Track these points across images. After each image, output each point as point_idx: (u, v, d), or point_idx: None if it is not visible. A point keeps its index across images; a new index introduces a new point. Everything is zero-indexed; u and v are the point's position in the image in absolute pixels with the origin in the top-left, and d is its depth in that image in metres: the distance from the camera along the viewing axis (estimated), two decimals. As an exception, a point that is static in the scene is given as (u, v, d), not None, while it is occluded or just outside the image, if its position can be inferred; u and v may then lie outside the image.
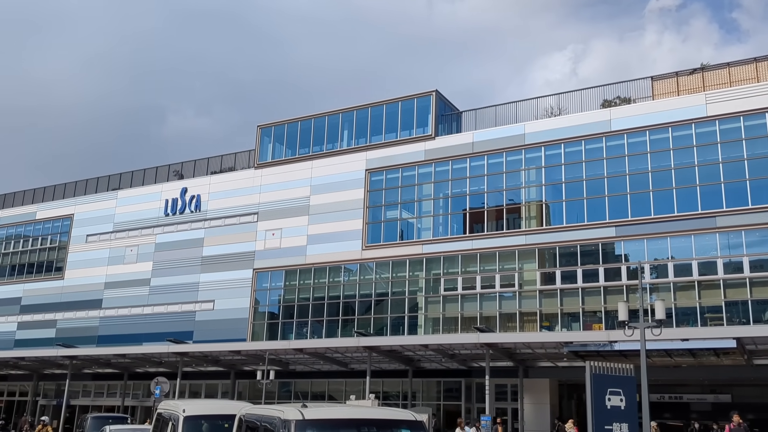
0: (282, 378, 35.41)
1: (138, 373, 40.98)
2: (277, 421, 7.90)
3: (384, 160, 35.93)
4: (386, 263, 34.59)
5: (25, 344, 43.63)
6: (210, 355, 34.98)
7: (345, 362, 33.27)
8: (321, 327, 35.42)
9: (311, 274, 36.46)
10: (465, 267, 32.59)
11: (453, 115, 36.67)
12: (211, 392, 38.87)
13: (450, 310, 32.44)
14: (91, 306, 42.56)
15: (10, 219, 48.88)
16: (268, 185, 39.02)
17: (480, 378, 29.53)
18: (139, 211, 42.87)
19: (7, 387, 47.00)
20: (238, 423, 9.66)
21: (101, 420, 24.88)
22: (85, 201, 45.75)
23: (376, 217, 35.64)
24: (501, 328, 30.50)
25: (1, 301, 46.67)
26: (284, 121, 40.44)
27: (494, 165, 33.14)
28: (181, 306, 39.36)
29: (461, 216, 33.64)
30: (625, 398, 15.04)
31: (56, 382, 43.76)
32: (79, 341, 40.55)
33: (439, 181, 34.41)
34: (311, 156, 38.39)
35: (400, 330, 33.19)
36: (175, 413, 12.21)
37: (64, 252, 45.38)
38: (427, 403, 32.69)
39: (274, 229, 37.95)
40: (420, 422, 8.56)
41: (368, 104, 37.78)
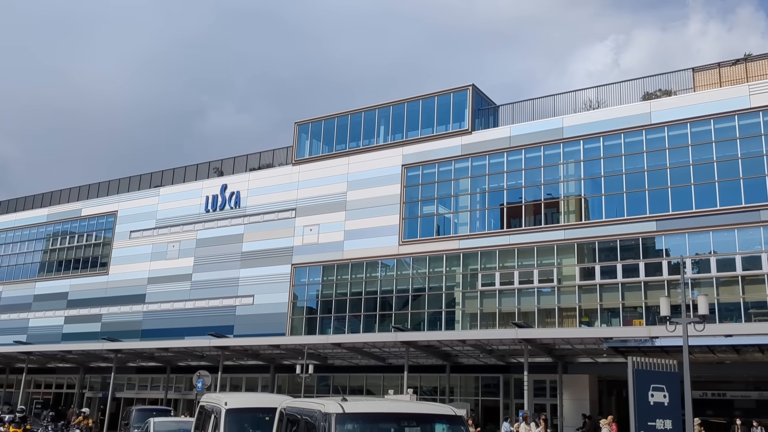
0: (321, 372, 35.75)
1: (180, 367, 41.78)
2: (318, 414, 7.95)
3: (420, 155, 35.93)
4: (423, 258, 34.63)
5: (71, 338, 44.84)
6: (250, 349, 35.48)
7: (383, 357, 33.44)
8: (358, 322, 35.66)
9: (348, 269, 36.69)
10: (503, 262, 32.44)
11: (490, 109, 36.46)
12: (251, 386, 39.43)
13: (488, 305, 32.34)
14: (134, 301, 43.55)
15: (57, 216, 50.25)
16: (305, 181, 39.37)
17: (518, 374, 29.41)
18: (180, 207, 43.67)
19: (55, 379, 48.37)
20: (279, 416, 9.72)
21: (145, 412, 25.41)
22: (128, 198, 46.77)
23: (412, 212, 35.68)
24: (539, 324, 30.30)
25: (49, 296, 48.05)
26: (321, 117, 40.73)
27: (532, 159, 32.88)
28: (222, 301, 40.00)
29: (498, 211, 33.48)
30: (668, 394, 14.86)
31: (102, 375, 44.88)
32: (124, 335, 41.51)
33: (476, 176, 34.29)
34: (348, 152, 38.60)
35: (438, 325, 33.22)
36: (218, 406, 12.37)
37: (108, 248, 46.47)
38: (465, 399, 32.69)
39: (312, 225, 38.29)
40: (459, 417, 8.51)
41: (404, 99, 37.80)
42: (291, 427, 9.06)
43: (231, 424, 11.89)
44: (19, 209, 53.21)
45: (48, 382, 48.68)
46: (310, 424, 8.17)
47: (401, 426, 8.35)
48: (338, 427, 7.54)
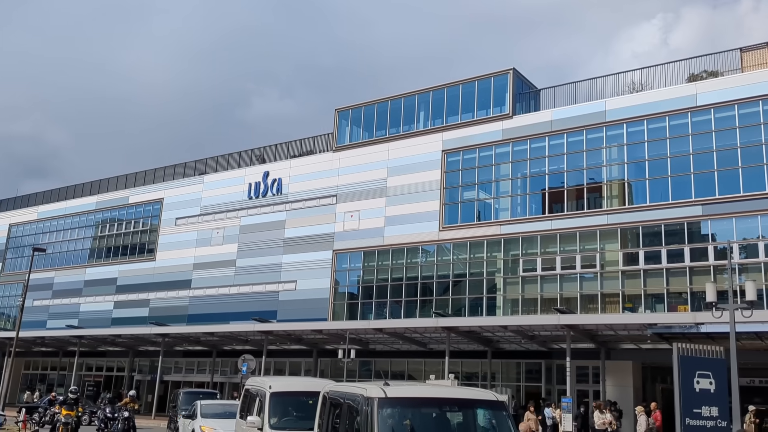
0: (362, 357, 36.12)
1: (225, 351, 42.66)
2: (360, 398, 8.04)
3: (460, 140, 35.81)
4: (463, 244, 34.60)
5: (121, 322, 46.14)
6: (293, 334, 36.03)
7: (424, 342, 33.62)
8: (399, 307, 35.88)
9: (389, 255, 36.90)
10: (544, 247, 32.22)
11: (531, 93, 36.10)
12: (294, 370, 40.07)
13: (529, 291, 32.20)
14: (181, 286, 44.53)
15: (105, 204, 51.59)
16: (346, 168, 39.61)
17: (561, 360, 29.27)
18: (224, 194, 44.40)
19: (105, 363, 49.87)
20: (322, 400, 9.87)
21: (192, 395, 26.03)
22: (173, 186, 47.73)
23: (452, 198, 35.64)
24: (582, 310, 30.08)
25: (98, 281, 49.47)
26: (361, 104, 40.85)
27: (574, 143, 32.48)
28: (265, 286, 40.65)
29: (540, 196, 33.21)
30: (714, 381, 14.72)
31: (150, 359, 46.10)
32: (171, 320, 42.55)
33: (517, 161, 34.04)
34: (388, 138, 38.67)
35: (479, 311, 33.23)
36: (262, 389, 12.68)
37: (155, 234, 47.57)
38: (507, 384, 32.69)
39: (353, 211, 38.55)
40: (502, 402, 8.53)
41: (444, 85, 37.65)
42: (334, 411, 9.20)
43: (275, 406, 12.18)
44: (70, 197, 54.78)
45: (99, 365, 50.21)
46: (353, 408, 8.27)
47: (443, 411, 8.37)
48: (380, 411, 7.61)
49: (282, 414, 12.21)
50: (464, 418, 8.45)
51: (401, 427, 7.79)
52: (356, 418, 8.09)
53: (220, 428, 17.08)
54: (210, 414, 18.92)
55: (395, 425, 7.73)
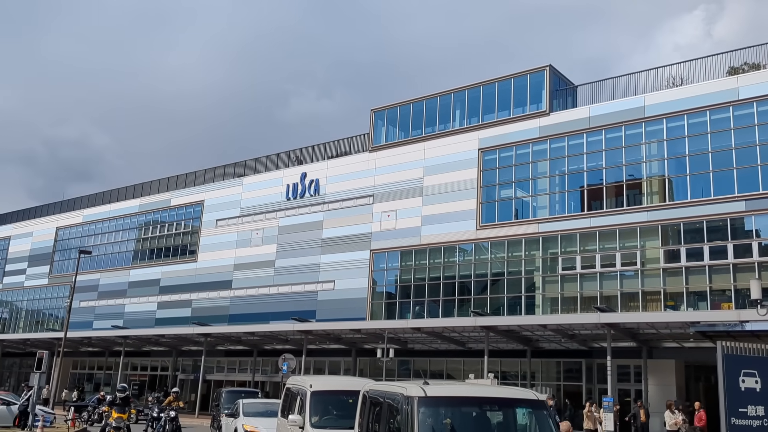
0: (401, 356, 36.24)
1: (266, 350, 43.21)
2: (400, 397, 8.07)
3: (497, 138, 35.67)
4: (501, 243, 34.47)
5: (164, 323, 47.06)
6: (332, 333, 36.31)
7: (462, 341, 33.60)
8: (437, 306, 35.91)
9: (426, 254, 36.95)
10: (583, 245, 31.93)
11: (568, 89, 35.77)
12: (333, 369, 40.39)
13: (568, 289, 31.95)
14: (222, 287, 45.26)
15: (148, 206, 52.69)
16: (382, 168, 39.78)
17: (601, 358, 28.98)
18: (262, 196, 44.98)
19: (150, 362, 50.94)
20: (362, 398, 9.93)
21: (235, 394, 26.46)
22: (214, 188, 48.52)
23: (490, 196, 35.53)
24: (622, 308, 29.73)
25: (142, 282, 50.56)
26: (397, 104, 40.97)
27: (613, 140, 32.11)
28: (304, 286, 41.06)
29: (578, 193, 32.91)
30: (760, 380, 14.44)
31: (193, 358, 46.92)
32: (212, 320, 43.27)
33: (555, 158, 33.78)
34: (424, 137, 38.72)
35: (517, 310, 33.08)
36: (303, 388, 12.82)
37: (196, 236, 48.42)
38: (547, 384, 32.48)
39: (389, 211, 38.70)
40: (542, 401, 8.49)
41: (480, 83, 37.56)
42: (374, 410, 9.22)
43: (316, 405, 12.31)
44: (114, 200, 56.08)
45: (144, 365, 51.31)
46: (393, 407, 8.31)
47: (483, 410, 8.34)
48: (420, 410, 7.61)
49: (323, 413, 12.31)
50: (504, 417, 8.42)
51: (441, 426, 7.82)
52: (396, 417, 8.14)
53: (262, 427, 17.28)
54: (252, 413, 19.12)
55: (435, 424, 7.75)
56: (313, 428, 11.86)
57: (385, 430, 8.62)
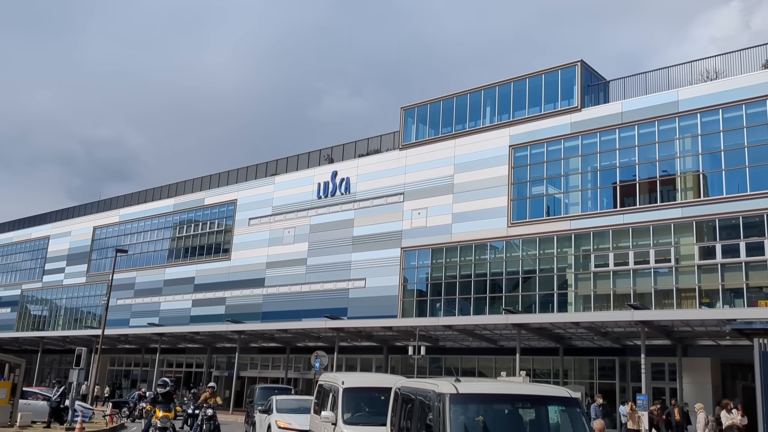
0: (432, 354, 36.28)
1: (298, 347, 43.60)
2: (432, 394, 8.12)
3: (528, 135, 35.48)
4: (533, 240, 34.30)
5: (199, 320, 47.79)
6: (363, 331, 36.51)
7: (494, 339, 33.53)
8: (468, 304, 35.88)
9: (457, 251, 36.92)
10: (616, 242, 31.62)
11: (600, 85, 35.44)
12: (365, 366, 40.59)
13: (601, 286, 31.67)
14: (255, 284, 45.79)
15: (182, 205, 53.50)
16: (412, 165, 39.83)
17: (635, 356, 28.70)
18: (294, 194, 45.38)
19: (185, 359, 51.75)
20: (394, 395, 10.02)
21: (268, 390, 26.69)
22: (246, 187, 49.08)
23: (521, 193, 35.36)
24: (656, 305, 29.38)
25: (177, 280, 51.38)
26: (427, 101, 40.98)
27: (645, 135, 31.73)
28: (336, 284, 41.33)
29: (611, 189, 32.59)
30: (798, 378, 14.26)
31: (227, 355, 47.53)
32: (246, 317, 43.78)
33: (587, 154, 33.48)
34: (454, 135, 38.68)
35: (549, 307, 32.90)
36: (335, 385, 13.01)
37: (230, 235, 49.05)
38: (580, 382, 32.27)
39: (420, 209, 38.75)
40: (575, 399, 8.44)
41: (510, 79, 37.38)
42: (406, 407, 9.31)
43: (348, 401, 12.49)
44: (149, 200, 57.06)
45: (179, 362, 52.13)
46: (425, 404, 8.37)
47: (515, 407, 8.33)
48: (452, 407, 7.64)
49: (355, 409, 12.46)
50: (537, 414, 8.40)
51: (473, 423, 7.82)
52: (428, 414, 8.19)
53: (295, 423, 17.41)
54: (285, 409, 19.24)
55: (467, 421, 7.77)
56: (345, 425, 12.01)
57: (417, 427, 8.68)
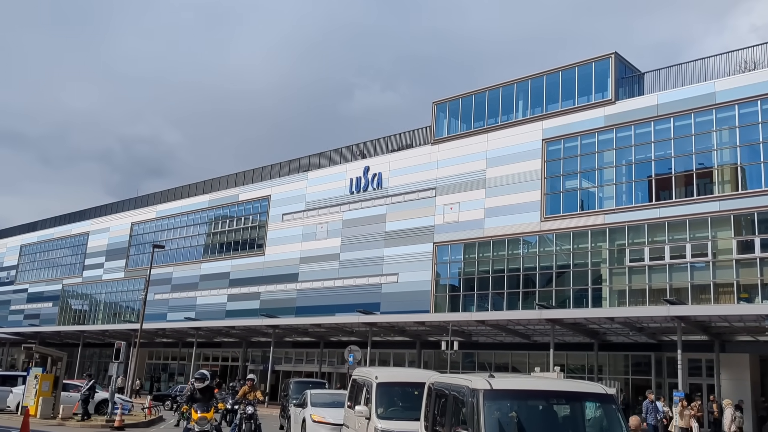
0: (465, 349, 36.27)
1: (332, 342, 43.94)
2: (466, 390, 8.07)
3: (561, 128, 35.18)
4: (566, 235, 34.04)
5: (234, 315, 48.43)
6: (396, 326, 36.67)
7: (527, 334, 33.40)
8: (501, 299, 35.77)
9: (490, 246, 36.82)
10: (652, 237, 31.23)
11: (634, 77, 34.97)
12: (398, 361, 40.75)
13: (636, 281, 31.32)
14: (288, 279, 46.24)
15: (217, 202, 54.23)
16: (444, 160, 39.79)
17: (671, 352, 28.36)
18: (327, 190, 45.67)
19: (221, 353, 52.51)
20: (428, 391, 9.98)
21: (303, 384, 27.03)
22: (279, 183, 49.55)
23: (554, 187, 35.11)
24: (693, 301, 28.97)
25: (213, 275, 52.12)
26: (458, 95, 40.86)
27: (681, 127, 31.24)
28: (368, 279, 41.53)
29: (646, 183, 32.18)
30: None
31: (262, 349, 48.10)
32: (280, 312, 44.27)
33: (621, 148, 33.09)
34: (486, 129, 38.52)
35: (584, 302, 32.64)
36: (369, 380, 13.10)
37: (264, 230, 49.59)
38: (615, 377, 31.99)
39: (452, 204, 38.70)
40: (611, 395, 8.31)
41: (543, 72, 37.08)
42: (439, 402, 9.29)
43: (382, 396, 12.57)
44: (185, 196, 57.94)
45: (215, 356, 52.91)
46: (458, 400, 8.32)
47: (550, 403, 8.25)
48: (486, 403, 7.60)
49: (388, 404, 12.55)
50: (571, 411, 8.32)
51: (507, 420, 7.78)
52: (462, 410, 8.17)
53: (330, 417, 17.58)
54: (319, 403, 19.40)
55: (501, 417, 7.74)
56: (379, 419, 12.11)
57: (450, 423, 8.70)
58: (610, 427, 8.07)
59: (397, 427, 11.74)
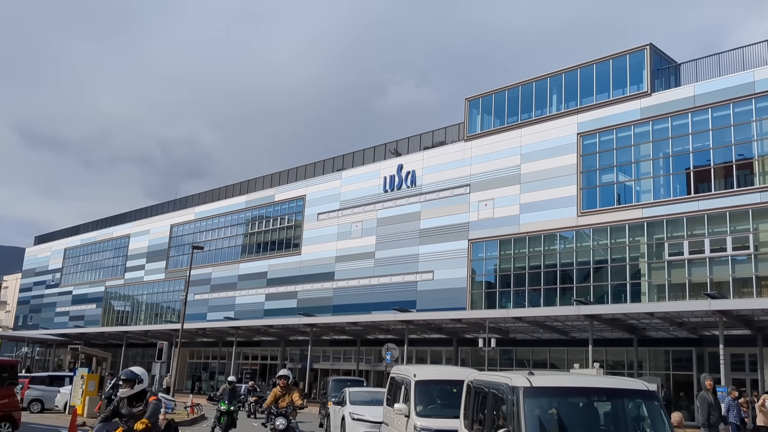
0: (503, 346, 36.15)
1: (368, 340, 44.17)
2: (505, 387, 8.06)
3: (596, 122, 34.81)
4: (603, 229, 33.70)
5: (272, 314, 48.98)
6: (433, 323, 36.69)
7: (565, 330, 33.16)
8: (538, 295, 35.56)
9: (525, 242, 36.62)
10: (691, 230, 30.74)
11: (670, 68, 34.42)
12: (435, 358, 40.79)
13: (676, 275, 30.87)
14: (325, 278, 46.61)
15: (254, 202, 54.90)
16: (478, 156, 39.66)
17: (713, 347, 27.91)
18: (361, 189, 45.90)
19: (260, 352, 53.17)
20: (467, 388, 9.99)
21: (341, 382, 27.26)
22: (314, 182, 49.95)
23: (590, 181, 34.76)
24: (735, 294, 28.45)
25: (251, 275, 52.80)
26: (491, 91, 40.69)
27: (720, 118, 30.67)
28: (404, 277, 41.64)
29: (684, 176, 31.67)
30: None
31: (300, 348, 48.60)
32: (317, 310, 44.66)
33: (658, 140, 32.62)
34: (520, 124, 38.29)
35: (622, 298, 32.28)
36: (407, 378, 13.16)
37: (299, 230, 50.05)
38: (655, 373, 31.59)
39: (486, 200, 38.57)
40: (652, 392, 8.23)
41: (577, 65, 36.72)
42: (478, 399, 9.30)
43: (421, 394, 12.64)
44: (222, 197, 58.78)
45: (254, 354, 53.59)
46: (498, 397, 8.33)
47: (590, 401, 8.21)
48: (526, 400, 7.59)
49: (427, 402, 12.60)
50: (612, 408, 8.24)
51: (548, 417, 7.76)
52: (501, 407, 8.18)
53: (368, 414, 17.72)
54: (358, 401, 19.56)
55: (542, 414, 7.72)
56: (418, 417, 12.19)
57: (490, 420, 8.74)
58: (652, 424, 7.98)
59: (437, 425, 11.79)
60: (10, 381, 17.18)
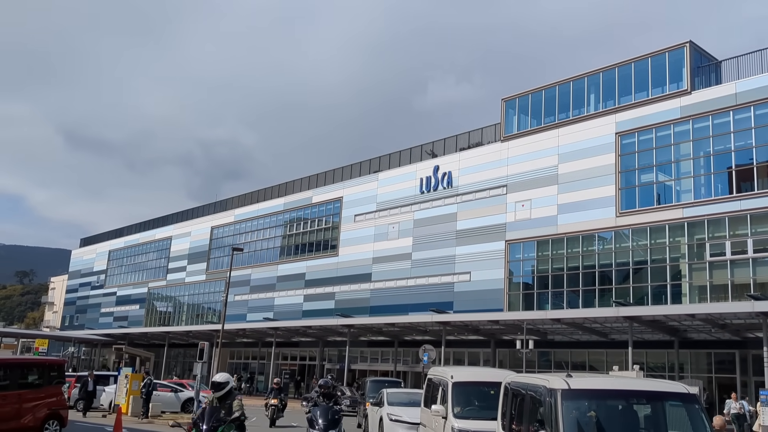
0: (541, 347, 35.95)
1: (406, 341, 44.29)
2: (543, 389, 8.06)
3: (635, 121, 34.42)
4: (643, 230, 33.29)
5: (310, 315, 49.47)
6: (470, 325, 36.66)
7: (604, 332, 32.84)
8: (577, 297, 35.27)
9: (563, 243, 36.36)
10: (733, 230, 30.19)
11: (711, 65, 33.86)
12: (473, 360, 40.73)
13: (718, 276, 30.35)
14: (362, 279, 46.90)
15: (292, 204, 55.51)
16: (514, 157, 39.51)
17: (757, 349, 27.36)
18: (397, 190, 46.07)
19: (299, 352, 53.72)
20: (504, 390, 9.97)
21: (379, 383, 27.42)
22: (351, 184, 50.30)
23: (629, 182, 34.37)
24: (780, 295, 27.84)
25: (289, 276, 53.40)
26: (528, 91, 40.50)
27: (763, 116, 30.08)
28: (440, 278, 41.68)
29: (726, 175, 31.12)
30: None
31: (338, 348, 48.96)
32: (354, 311, 44.95)
33: (699, 139, 32.11)
34: (557, 124, 38.04)
35: (662, 299, 31.85)
36: (445, 379, 13.24)
37: (337, 231, 50.45)
38: (697, 376, 31.07)
39: (524, 201, 38.40)
40: (694, 395, 8.13)
41: (615, 64, 36.35)
42: (516, 401, 9.31)
43: (458, 396, 12.72)
44: (261, 200, 59.58)
45: (293, 355, 54.17)
46: (536, 399, 8.33)
47: (630, 403, 8.15)
48: (564, 403, 7.57)
49: (465, 403, 12.67)
50: (652, 411, 8.16)
51: (586, 419, 7.74)
52: (539, 410, 8.19)
53: (406, 416, 17.81)
54: (396, 402, 19.61)
55: (580, 417, 7.71)
56: (455, 418, 12.26)
57: (528, 423, 8.79)
58: (693, 427, 7.89)
59: (474, 427, 11.85)
60: (58, 380, 17.74)
